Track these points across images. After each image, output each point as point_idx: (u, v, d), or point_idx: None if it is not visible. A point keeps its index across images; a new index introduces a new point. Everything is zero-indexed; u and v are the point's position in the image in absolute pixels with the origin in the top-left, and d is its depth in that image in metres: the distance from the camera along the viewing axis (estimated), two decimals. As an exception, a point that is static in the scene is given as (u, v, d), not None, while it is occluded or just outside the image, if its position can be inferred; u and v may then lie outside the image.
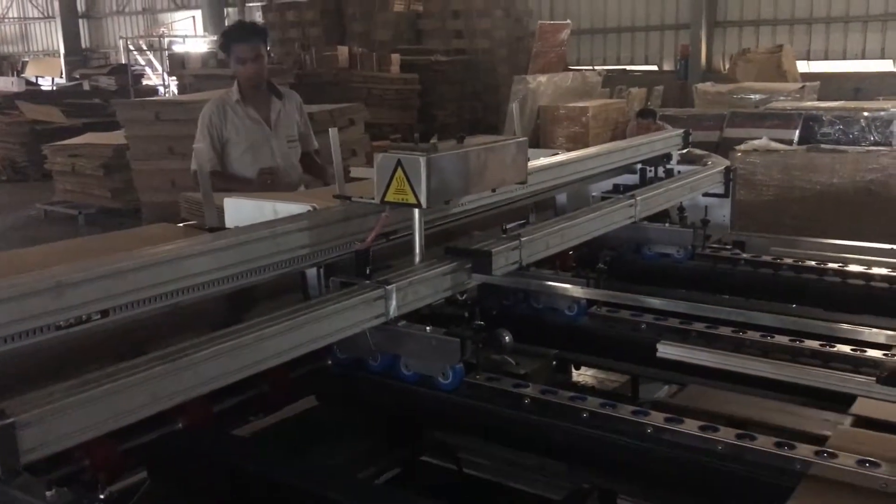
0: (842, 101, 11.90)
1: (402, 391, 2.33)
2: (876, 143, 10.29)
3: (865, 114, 10.86)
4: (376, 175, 2.54)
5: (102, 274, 1.93)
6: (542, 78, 13.62)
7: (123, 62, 21.47)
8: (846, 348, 2.33)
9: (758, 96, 12.87)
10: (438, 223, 2.96)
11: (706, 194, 4.34)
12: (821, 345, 2.37)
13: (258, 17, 25.13)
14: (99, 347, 2.05)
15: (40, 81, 23.44)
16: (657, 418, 1.97)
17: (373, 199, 2.58)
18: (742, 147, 8.03)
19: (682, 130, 4.59)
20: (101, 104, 15.62)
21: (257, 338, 2.00)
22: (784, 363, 2.29)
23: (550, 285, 2.73)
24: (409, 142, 2.54)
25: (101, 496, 1.60)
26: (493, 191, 2.93)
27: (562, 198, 4.09)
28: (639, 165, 4.32)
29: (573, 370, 3.04)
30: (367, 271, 2.43)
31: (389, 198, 2.52)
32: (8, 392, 1.66)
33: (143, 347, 2.02)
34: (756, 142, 8.21)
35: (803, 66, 16.70)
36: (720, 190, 4.40)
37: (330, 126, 8.24)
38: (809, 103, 11.94)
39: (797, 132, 11.13)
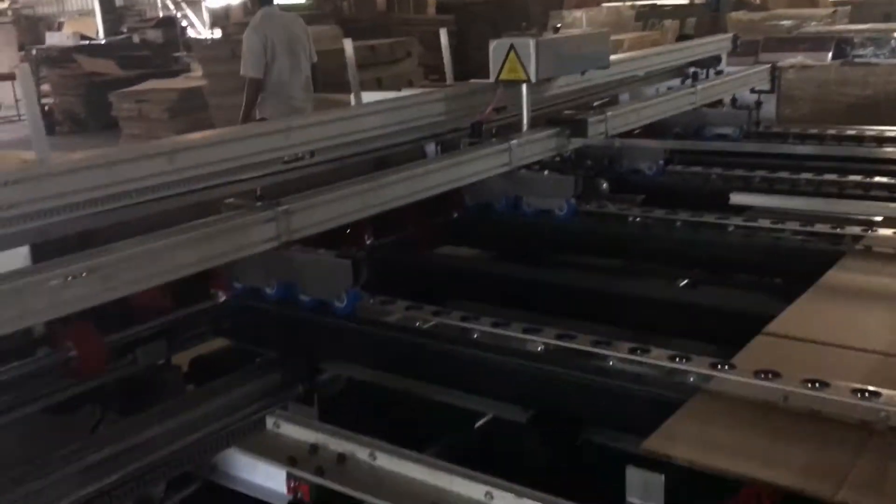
0: (872, 24, 12.18)
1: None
2: (907, 62, 10.63)
3: (896, 34, 11.20)
4: (491, 59, 3.13)
5: (312, 123, 2.56)
6: (578, 13, 13.96)
7: (162, 16, 21.99)
8: (884, 178, 2.92)
9: (790, 22, 13.12)
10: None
11: (753, 91, 4.88)
12: (864, 175, 2.95)
13: (289, -32, 25.37)
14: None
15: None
16: (737, 220, 2.57)
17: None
18: (780, 64, 8.45)
19: (731, 34, 5.12)
20: (150, 56, 16.23)
21: (426, 170, 2.62)
22: (833, 199, 2.83)
23: (641, 141, 3.32)
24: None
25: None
26: (582, 73, 3.50)
27: (625, 97, 4.64)
28: (692, 69, 4.86)
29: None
30: (494, 131, 3.03)
31: (504, 76, 3.12)
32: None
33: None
34: (792, 59, 8.62)
35: (834, -6, 16.78)
36: (767, 87, 4.95)
37: (390, 58, 8.71)
38: (841, 26, 12.22)
39: (830, 55, 11.50)
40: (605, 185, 3.13)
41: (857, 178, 2.98)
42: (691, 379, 1.59)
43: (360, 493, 1.43)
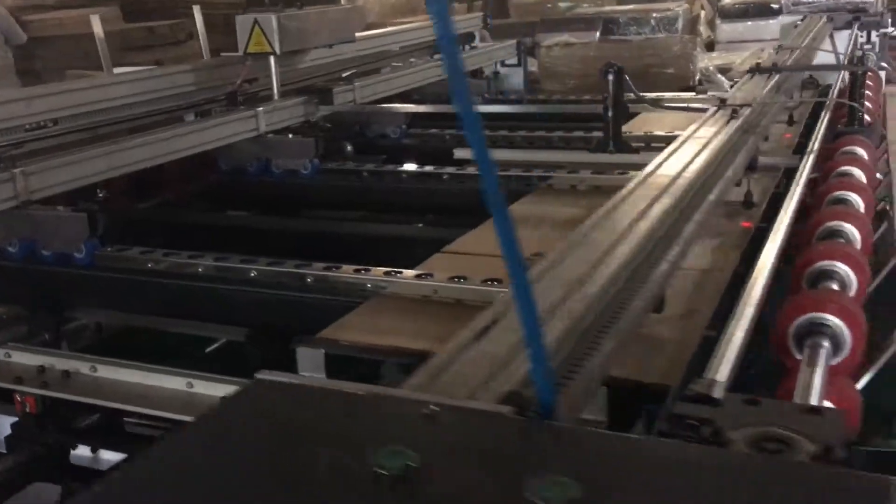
0: (634, 5, 13.44)
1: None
2: (664, 40, 11.88)
3: (655, 14, 12.42)
4: (238, 33, 3.38)
5: (55, 91, 2.70)
6: (370, -5, 14.26)
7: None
8: (580, 132, 3.45)
9: (566, 4, 14.14)
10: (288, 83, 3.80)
11: (505, 65, 5.42)
12: (565, 131, 3.47)
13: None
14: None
15: None
16: (450, 170, 2.99)
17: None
18: (546, 43, 9.20)
19: (481, 13, 5.62)
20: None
21: (173, 134, 2.84)
22: (539, 150, 3.36)
23: (384, 106, 3.70)
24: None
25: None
26: (330, 47, 3.81)
27: (387, 70, 5.01)
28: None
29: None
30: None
31: (250, 49, 3.38)
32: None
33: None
34: (557, 38, 9.42)
35: (606, -22, 18.13)
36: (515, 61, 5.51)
37: (171, 40, 8.66)
38: (608, 8, 13.37)
39: (598, 33, 12.61)
40: (349, 147, 3.47)
41: (560, 133, 3.50)
42: (370, 286, 1.95)
43: (81, 397, 1.68)
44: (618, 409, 1.40)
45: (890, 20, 4.78)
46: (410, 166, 3.10)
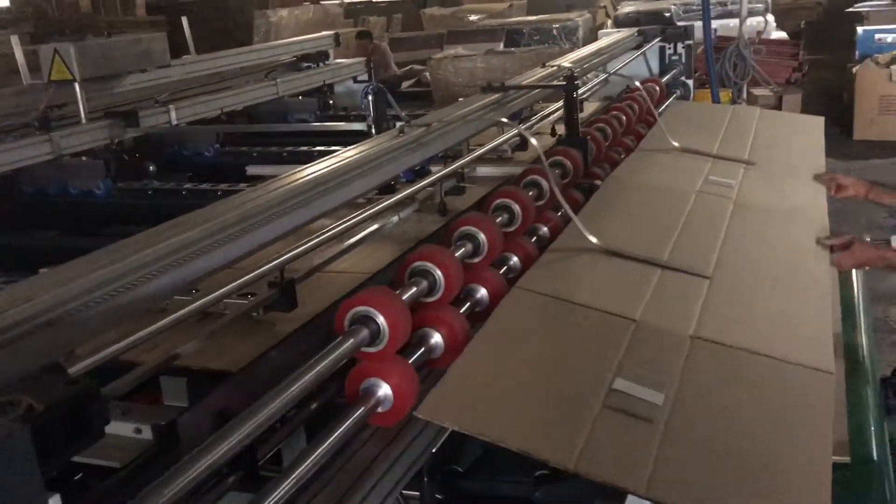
0: (540, 16, 13.82)
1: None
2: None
3: (556, 25, 12.84)
4: (42, 62, 3.56)
5: None
6: (284, 12, 14.48)
7: None
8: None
9: (475, 16, 14.49)
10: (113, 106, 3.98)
11: (358, 81, 5.64)
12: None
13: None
14: None
15: None
16: (223, 186, 3.20)
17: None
18: (436, 56, 9.49)
19: (334, 32, 5.86)
20: None
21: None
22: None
23: (192, 127, 3.90)
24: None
25: None
26: (144, 70, 4.01)
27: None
28: (304, 64, 5.51)
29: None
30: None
31: (53, 77, 3.56)
32: None
33: None
34: (448, 51, 9.71)
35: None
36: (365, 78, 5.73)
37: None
38: (513, 19, 13.75)
39: (502, 44, 12.95)
40: (152, 168, 3.67)
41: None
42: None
43: None
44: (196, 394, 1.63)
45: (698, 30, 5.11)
46: (188, 184, 3.31)
